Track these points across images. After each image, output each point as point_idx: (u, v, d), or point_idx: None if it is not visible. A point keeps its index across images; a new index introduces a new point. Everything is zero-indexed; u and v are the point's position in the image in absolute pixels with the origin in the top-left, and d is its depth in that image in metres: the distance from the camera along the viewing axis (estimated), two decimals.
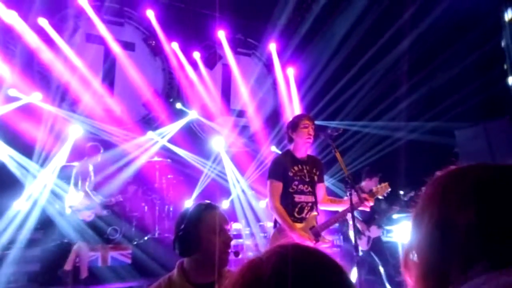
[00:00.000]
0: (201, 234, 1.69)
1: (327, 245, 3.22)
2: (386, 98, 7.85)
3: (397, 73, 7.72)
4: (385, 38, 7.54)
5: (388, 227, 7.09)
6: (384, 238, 6.88)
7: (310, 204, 3.30)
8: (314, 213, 3.29)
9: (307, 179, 3.30)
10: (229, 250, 1.74)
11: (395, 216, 5.95)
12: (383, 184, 3.56)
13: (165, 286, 1.68)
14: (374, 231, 5.22)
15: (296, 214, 3.21)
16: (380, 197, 3.56)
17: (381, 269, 5.00)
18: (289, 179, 3.24)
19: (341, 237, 7.19)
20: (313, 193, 3.35)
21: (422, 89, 7.35)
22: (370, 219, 5.23)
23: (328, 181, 7.80)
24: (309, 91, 8.62)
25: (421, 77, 7.31)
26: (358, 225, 5.16)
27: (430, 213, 0.79)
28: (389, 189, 3.57)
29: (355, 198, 3.22)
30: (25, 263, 5.20)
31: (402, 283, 0.86)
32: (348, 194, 3.29)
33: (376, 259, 5.07)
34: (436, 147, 6.91)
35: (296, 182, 3.25)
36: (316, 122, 3.50)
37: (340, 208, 3.44)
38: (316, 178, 3.38)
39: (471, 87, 6.48)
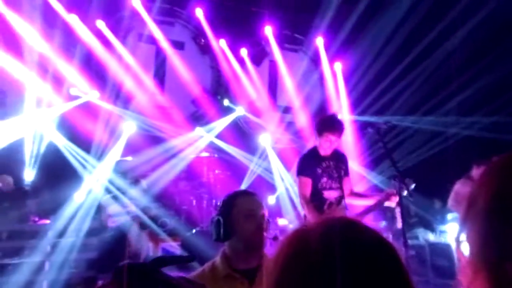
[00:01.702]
0: (232, 218, 1.71)
1: None
2: (439, 93, 7.49)
3: (451, 66, 7.33)
4: (436, 30, 7.19)
5: (441, 228, 6.79)
6: (438, 240, 6.61)
7: (338, 199, 3.42)
8: (343, 207, 3.40)
9: (335, 175, 3.42)
10: (264, 234, 1.72)
11: (449, 216, 5.67)
12: (407, 180, 3.48)
13: (209, 271, 1.73)
14: None
15: (325, 209, 3.34)
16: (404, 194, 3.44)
17: None
18: (317, 175, 3.37)
19: (391, 235, 6.98)
20: (341, 188, 3.46)
21: (479, 83, 6.92)
22: None
23: (376, 179, 7.60)
24: (357, 86, 8.41)
25: (477, 70, 6.89)
26: None
27: (486, 190, 0.69)
28: (414, 185, 3.48)
29: (381, 195, 3.39)
30: (84, 251, 5.55)
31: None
32: (396, 189, 3.22)
33: None
34: (495, 143, 6.50)
35: (325, 179, 3.39)
36: (364, 118, 3.47)
37: (367, 202, 3.49)
38: (342, 172, 3.49)
39: None
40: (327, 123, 3.45)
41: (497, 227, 0.65)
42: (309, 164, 3.42)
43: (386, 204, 3.37)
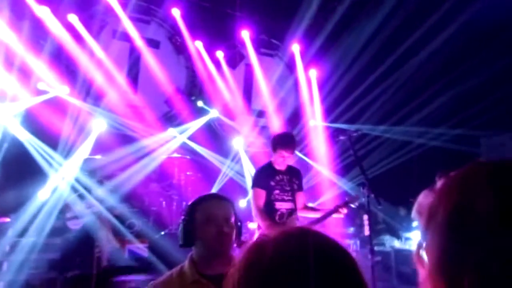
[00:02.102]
0: (195, 223, 1.68)
1: None
2: (409, 103, 7.72)
3: (421, 78, 7.57)
4: (409, 42, 7.41)
5: (407, 235, 6.97)
6: (403, 246, 6.78)
7: (289, 210, 3.63)
8: (294, 218, 3.61)
9: (288, 188, 3.65)
10: (227, 240, 1.67)
11: (414, 223, 5.83)
12: (355, 195, 3.86)
13: (177, 276, 1.69)
14: None
15: (277, 220, 3.56)
16: (352, 206, 3.74)
17: None
18: (270, 187, 3.59)
19: (358, 242, 7.11)
20: (293, 200, 3.67)
21: (447, 95, 7.18)
22: None
23: (346, 185, 7.73)
24: (331, 93, 8.55)
25: (446, 82, 7.15)
26: None
27: (445, 203, 0.69)
28: (360, 200, 3.77)
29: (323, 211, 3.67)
30: (46, 251, 5.35)
31: None
32: (366, 197, 3.30)
33: None
34: (460, 155, 6.75)
35: (277, 191, 3.61)
36: (336, 125, 3.56)
37: (317, 215, 3.72)
38: (295, 186, 3.72)
39: (498, 93, 6.29)
40: (280, 140, 3.69)
41: (455, 241, 0.65)
42: (263, 177, 3.64)
43: (335, 215, 3.62)
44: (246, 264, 0.71)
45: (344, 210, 3.60)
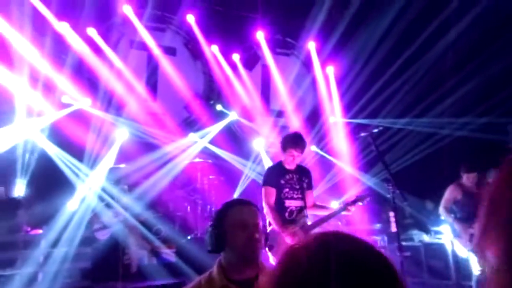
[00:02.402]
0: (225, 229, 1.69)
1: None
2: (431, 94, 7.54)
3: (444, 67, 7.39)
4: (428, 32, 7.24)
5: (435, 228, 6.81)
6: (432, 240, 6.63)
7: (299, 208, 3.72)
8: (303, 215, 3.67)
9: (297, 186, 3.75)
10: (258, 245, 1.68)
11: (443, 217, 5.69)
12: (365, 193, 3.92)
13: (206, 282, 1.70)
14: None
15: (287, 217, 3.66)
16: (360, 203, 3.76)
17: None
18: (280, 186, 3.70)
19: (386, 238, 7.00)
20: (302, 198, 3.76)
21: (472, 83, 6.97)
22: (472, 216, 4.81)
23: (370, 181, 7.62)
24: (350, 89, 8.46)
25: (470, 70, 6.94)
26: (456, 226, 4.87)
27: (509, 199, 0.65)
28: (368, 198, 3.82)
29: (337, 205, 3.83)
30: (78, 260, 5.49)
31: None
32: (391, 193, 3.25)
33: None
34: (487, 144, 6.55)
35: (287, 189, 3.72)
36: (357, 120, 3.53)
37: (326, 213, 3.81)
38: (305, 185, 3.81)
39: None
40: (290, 140, 3.77)
41: None
42: (274, 176, 3.75)
43: (344, 213, 3.71)
44: (281, 270, 0.71)
45: (353, 208, 3.67)
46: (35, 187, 6.43)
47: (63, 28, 6.78)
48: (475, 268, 4.62)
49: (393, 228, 4.87)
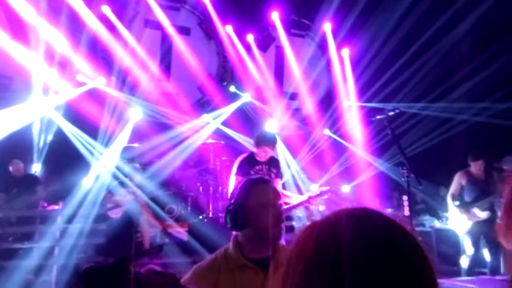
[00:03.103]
0: (249, 208, 1.68)
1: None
2: (449, 78, 7.37)
3: (462, 51, 7.20)
4: (447, 15, 7.03)
5: (447, 214, 6.76)
6: (444, 226, 6.59)
7: None
8: None
9: (266, 177, 3.86)
10: (281, 225, 1.69)
11: (456, 202, 5.66)
12: (327, 188, 4.18)
13: (221, 258, 1.70)
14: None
15: None
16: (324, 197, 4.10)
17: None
18: (251, 176, 3.89)
19: None
20: None
21: (491, 67, 6.78)
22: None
23: (383, 166, 7.57)
24: (365, 72, 8.32)
25: (490, 54, 6.74)
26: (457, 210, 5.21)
27: None
28: (329, 193, 4.15)
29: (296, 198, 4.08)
30: (92, 237, 5.62)
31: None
32: (405, 177, 3.22)
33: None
34: (505, 130, 6.42)
35: None
36: (371, 104, 3.48)
37: (292, 201, 4.13)
38: (273, 175, 4.15)
39: None
40: (265, 139, 4.15)
41: None
42: (244, 166, 4.11)
43: (309, 206, 4.06)
44: (295, 248, 0.71)
45: (315, 202, 4.02)
46: (51, 164, 6.55)
47: (78, 5, 6.78)
48: (468, 249, 5.06)
49: (406, 212, 4.86)
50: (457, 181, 5.25)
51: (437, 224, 6.93)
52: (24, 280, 4.67)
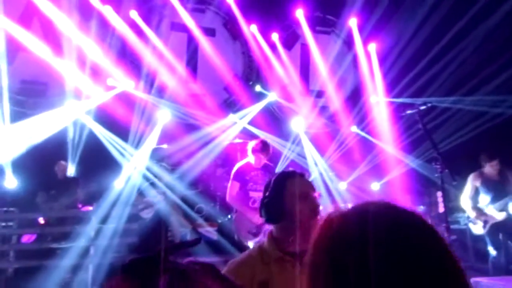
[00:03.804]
0: (285, 200, 1.67)
1: None
2: (482, 71, 7.10)
3: (496, 42, 6.91)
4: (478, 5, 6.78)
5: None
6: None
7: (260, 198, 4.04)
8: None
9: (260, 181, 4.55)
10: (318, 217, 1.66)
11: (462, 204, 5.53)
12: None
13: (256, 254, 1.69)
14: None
15: (250, 205, 4.50)
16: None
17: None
18: (246, 181, 4.56)
19: (430, 220, 6.79)
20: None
21: None
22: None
23: (414, 162, 7.40)
24: (393, 67, 8.13)
25: None
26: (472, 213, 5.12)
27: None
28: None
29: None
30: (125, 236, 5.75)
31: None
32: (438, 172, 3.13)
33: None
34: None
35: (251, 183, 4.57)
36: (400, 100, 3.41)
37: None
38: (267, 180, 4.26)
39: None
40: (258, 148, 4.56)
41: None
42: (240, 172, 4.59)
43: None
44: (319, 238, 0.73)
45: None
46: (84, 166, 6.76)
47: (107, 11, 6.96)
48: (491, 250, 4.96)
49: (441, 209, 4.74)
50: (471, 183, 5.19)
51: None
52: (63, 279, 4.83)
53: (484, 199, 5.07)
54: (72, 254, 5.08)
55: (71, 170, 6.75)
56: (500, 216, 4.86)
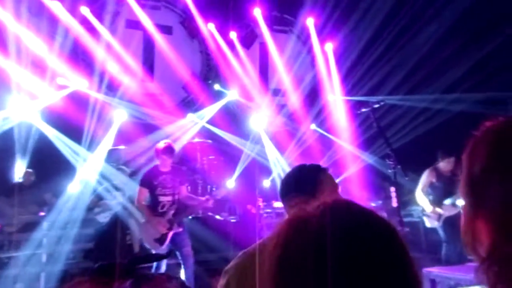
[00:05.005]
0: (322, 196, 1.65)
1: (179, 230, 4.62)
2: (431, 70, 7.44)
3: (438, 44, 7.28)
4: (431, 8, 7.11)
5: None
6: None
7: (170, 202, 4.64)
8: (173, 208, 4.61)
9: (169, 185, 4.65)
10: None
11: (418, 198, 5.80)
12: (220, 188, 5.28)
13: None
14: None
15: (159, 210, 4.59)
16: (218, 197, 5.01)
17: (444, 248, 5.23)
18: (154, 186, 4.60)
19: (385, 214, 7.04)
20: (173, 194, 4.67)
21: (470, 58, 6.88)
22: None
23: (370, 158, 7.63)
24: (349, 66, 8.35)
25: (471, 45, 6.84)
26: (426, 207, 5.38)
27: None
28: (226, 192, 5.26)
29: (199, 201, 5.00)
30: (80, 242, 5.54)
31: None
32: (391, 168, 3.24)
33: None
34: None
35: (160, 188, 4.61)
36: (356, 98, 3.50)
37: (195, 203, 4.94)
38: (177, 183, 4.73)
39: None
40: (162, 151, 4.64)
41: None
42: (148, 178, 4.66)
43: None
44: (277, 242, 0.71)
45: (211, 201, 4.89)
46: (35, 170, 6.42)
47: (56, 7, 6.63)
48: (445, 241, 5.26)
49: (394, 203, 4.91)
50: (427, 178, 5.42)
51: None
52: None
53: (439, 193, 5.29)
54: (21, 262, 4.83)
55: (20, 174, 6.39)
56: (453, 210, 5.10)
